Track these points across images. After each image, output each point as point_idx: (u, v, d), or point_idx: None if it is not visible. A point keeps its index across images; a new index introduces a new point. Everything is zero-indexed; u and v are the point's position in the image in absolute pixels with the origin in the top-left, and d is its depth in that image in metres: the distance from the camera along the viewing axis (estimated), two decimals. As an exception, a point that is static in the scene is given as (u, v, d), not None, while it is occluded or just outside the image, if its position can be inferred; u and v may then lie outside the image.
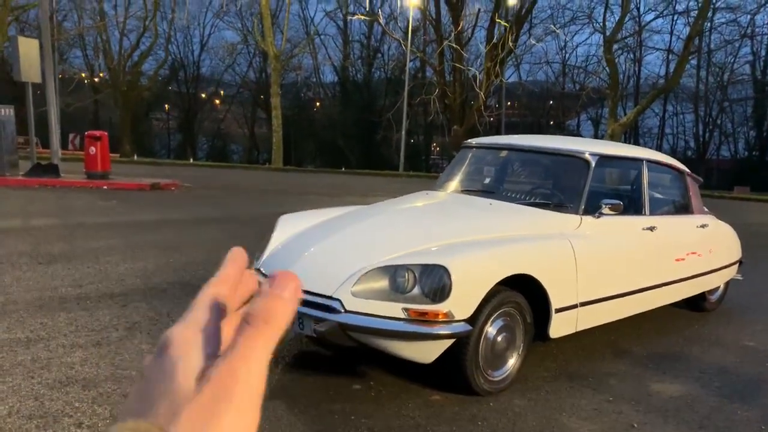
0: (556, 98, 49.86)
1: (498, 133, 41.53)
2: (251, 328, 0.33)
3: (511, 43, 21.12)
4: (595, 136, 48.25)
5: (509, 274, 3.13)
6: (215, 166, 25.69)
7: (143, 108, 45.06)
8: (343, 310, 2.96)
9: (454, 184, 4.37)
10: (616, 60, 28.15)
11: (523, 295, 3.33)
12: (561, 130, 52.21)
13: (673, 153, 56.20)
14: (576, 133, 54.98)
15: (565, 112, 52.30)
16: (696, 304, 5.03)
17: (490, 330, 3.20)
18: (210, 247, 6.63)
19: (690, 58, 33.03)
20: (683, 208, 4.77)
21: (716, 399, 3.38)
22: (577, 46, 61.14)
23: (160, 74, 43.16)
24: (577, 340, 4.14)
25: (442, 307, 2.92)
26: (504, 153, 4.38)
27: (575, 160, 4.00)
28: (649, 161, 4.37)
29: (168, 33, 38.17)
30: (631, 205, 4.24)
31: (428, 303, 2.93)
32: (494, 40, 21.22)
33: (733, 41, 47.96)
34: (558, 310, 3.43)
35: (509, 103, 55.95)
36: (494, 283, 3.08)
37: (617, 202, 3.79)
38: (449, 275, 2.92)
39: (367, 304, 2.97)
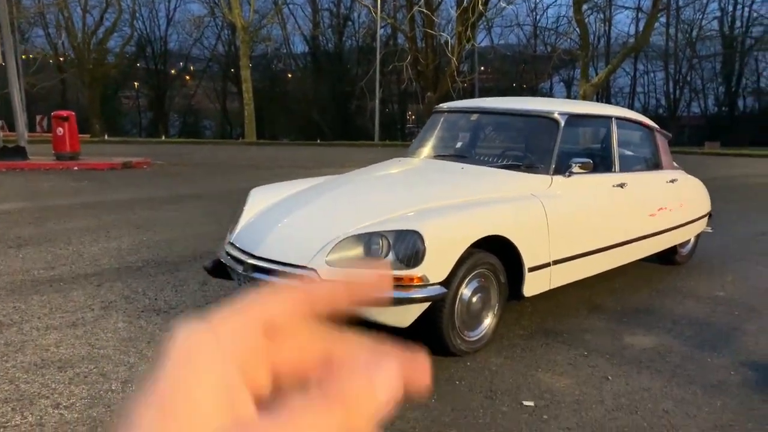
0: (528, 61, 49.82)
1: (472, 98, 41.44)
2: (319, 402, 0.23)
3: (481, 6, 20.95)
4: (568, 97, 48.37)
5: (481, 236, 3.15)
6: (187, 143, 25.36)
7: (112, 86, 44.14)
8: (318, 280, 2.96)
9: (427, 149, 4.36)
10: (586, 20, 28.13)
11: (497, 256, 3.36)
12: (534, 92, 52.28)
13: (644, 111, 56.57)
14: (549, 95, 55.11)
15: (537, 75, 52.32)
16: (668, 257, 5.13)
17: (465, 291, 3.23)
18: (184, 223, 6.58)
19: (659, 15, 33.10)
20: (653, 163, 4.82)
21: (688, 348, 3.46)
22: (547, 8, 61.04)
23: (126, 51, 42.23)
24: (552, 297, 4.20)
25: (416, 272, 2.94)
26: (474, 116, 4.37)
27: (545, 120, 4.01)
28: (618, 119, 4.40)
29: (132, 8, 37.20)
30: (601, 162, 4.28)
31: (403, 268, 2.95)
32: (464, 4, 21.03)
33: (701, -2, 47.99)
34: (531, 269, 3.47)
35: (483, 68, 55.77)
36: (467, 246, 3.10)
37: (587, 160, 3.81)
38: (422, 240, 2.93)
39: (342, 273, 2.97)
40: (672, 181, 4.79)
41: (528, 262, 3.44)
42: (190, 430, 0.22)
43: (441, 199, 3.37)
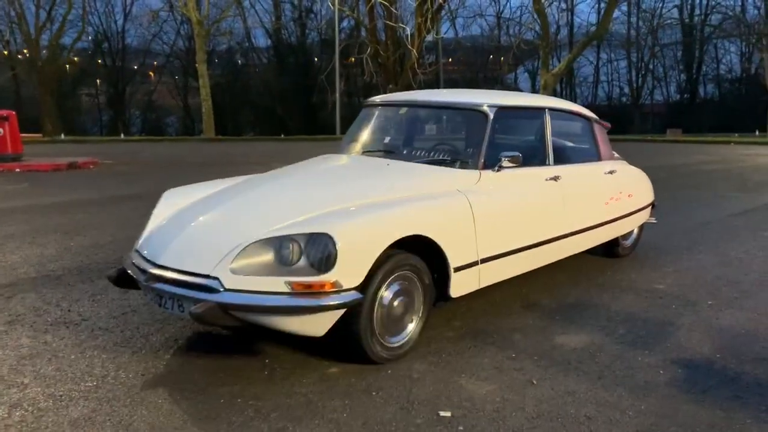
0: (492, 52, 49.90)
1: (437, 89, 41.33)
2: None
3: (440, -3, 20.80)
4: (533, 88, 48.70)
5: (400, 236, 2.99)
6: (145, 141, 24.80)
7: (69, 83, 43.02)
8: (222, 289, 2.77)
9: (356, 145, 4.18)
10: (547, 9, 28.21)
11: (421, 257, 3.21)
12: (499, 84, 52.48)
13: (608, 100, 57.41)
14: (514, 86, 55.42)
15: (502, 66, 52.43)
16: (610, 250, 5.05)
17: (386, 295, 3.06)
18: (118, 226, 6.30)
19: (619, 4, 33.39)
20: (590, 155, 4.72)
21: (619, 347, 3.36)
22: (510, -2, 61.16)
23: (82, 47, 41.17)
24: (487, 295, 4.07)
25: (328, 277, 2.76)
26: (403, 110, 4.21)
27: (473, 113, 3.87)
28: (551, 110, 4.27)
29: (84, 2, 36.12)
30: (534, 155, 4.15)
31: (315, 274, 2.77)
32: (423, -5, 20.89)
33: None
34: (457, 269, 3.33)
35: (450, 59, 55.78)
36: (385, 247, 2.93)
37: (516, 154, 3.67)
38: (334, 243, 2.75)
39: (248, 281, 2.78)
40: (610, 172, 4.69)
41: (453, 261, 3.30)
42: None
43: (360, 198, 3.20)
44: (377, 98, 4.37)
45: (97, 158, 12.97)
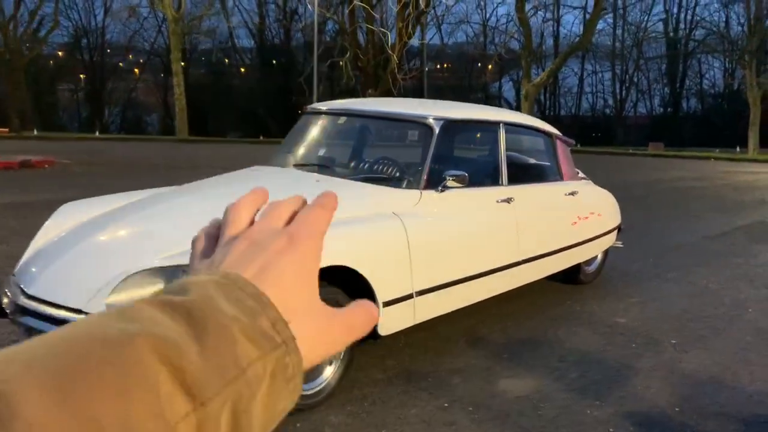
0: (478, 60, 49.81)
1: (420, 96, 41.14)
2: (316, 206, 0.39)
3: (422, 3, 20.47)
4: (517, 98, 48.58)
5: (314, 268, 2.57)
6: (116, 139, 24.19)
7: (47, 79, 42.19)
8: (95, 327, 2.33)
9: (288, 157, 3.76)
10: (531, 19, 28.00)
11: (344, 288, 2.80)
12: (484, 92, 52.43)
13: (592, 111, 57.63)
14: (498, 95, 55.39)
15: (487, 74, 52.41)
16: (572, 277, 4.67)
17: (298, 335, 2.64)
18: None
19: (604, 15, 33.34)
20: (551, 174, 4.34)
21: (568, 395, 2.97)
22: (497, 6, 61.21)
23: (62, 42, 40.37)
24: (431, 328, 3.67)
25: (220, 317, 2.34)
26: (342, 119, 3.80)
27: (417, 125, 3.47)
28: (507, 124, 3.88)
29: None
30: (485, 174, 3.77)
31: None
32: (404, 0, 20.53)
33: (646, -1, 48.88)
34: (387, 303, 2.92)
35: (438, 65, 55.58)
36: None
37: (461, 173, 3.28)
38: (229, 276, 2.33)
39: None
40: (572, 193, 4.31)
41: (382, 295, 2.89)
42: (301, 293, 0.35)
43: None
44: (319, 105, 3.95)
45: (55, 157, 12.41)
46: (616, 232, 4.95)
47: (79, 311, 2.38)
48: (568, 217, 4.22)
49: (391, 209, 3.10)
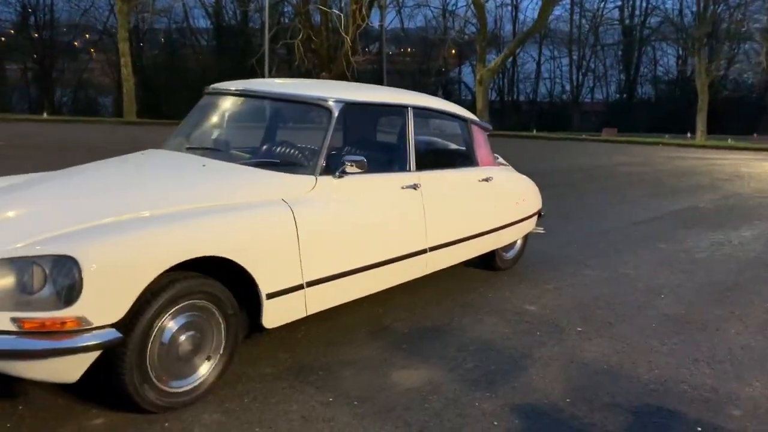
0: (438, 45, 49.61)
1: (379, 81, 40.84)
2: None
3: (375, -15, 20.18)
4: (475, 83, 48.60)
5: (183, 259, 2.43)
6: (64, 121, 23.36)
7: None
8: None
9: (181, 139, 3.58)
10: (487, 3, 27.96)
11: (226, 281, 2.67)
12: (443, 76, 52.38)
13: (549, 96, 58.17)
14: (458, 79, 55.39)
15: (445, 59, 52.31)
16: (489, 263, 4.61)
17: (168, 330, 2.51)
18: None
19: (560, 1, 33.50)
20: (465, 160, 4.25)
21: (459, 386, 2.89)
22: (457, -10, 61.11)
23: (9, 19, 38.80)
24: (335, 317, 3.58)
25: (70, 313, 2.18)
26: (242, 101, 3.63)
27: (315, 108, 3.33)
28: (416, 108, 3.76)
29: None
30: (391, 160, 3.66)
31: (58, 308, 2.19)
32: (358, -20, 20.21)
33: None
34: (272, 295, 2.80)
35: (401, 49, 55.22)
36: (159, 273, 2.36)
37: (360, 158, 3.15)
38: (79, 268, 2.17)
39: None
40: (486, 179, 4.24)
41: (267, 286, 2.76)
42: None
43: (146, 208, 2.61)
44: (220, 85, 3.77)
45: (-12, 139, 11.89)
46: (535, 218, 4.91)
47: None
48: (480, 203, 4.15)
49: (280, 196, 2.96)
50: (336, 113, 3.24)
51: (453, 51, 49.64)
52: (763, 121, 47.15)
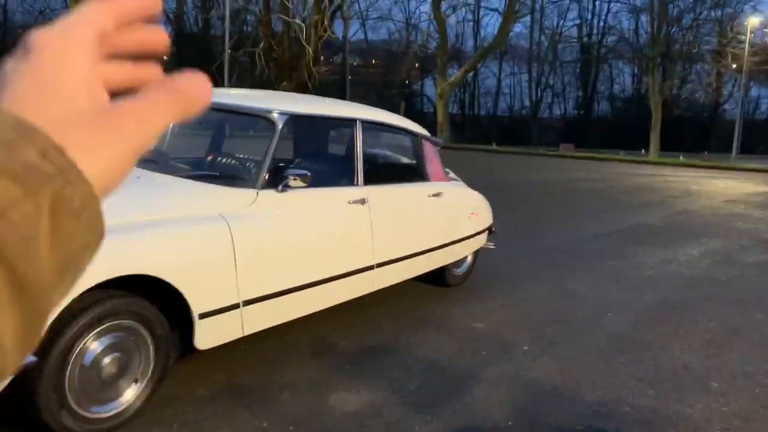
0: (400, 57, 49.96)
1: (343, 92, 40.84)
2: (166, 92, 0.32)
3: (338, -5, 20.17)
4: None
5: (105, 278, 2.29)
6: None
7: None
8: None
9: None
10: (449, 18, 28.23)
11: (155, 300, 2.53)
12: (406, 89, 52.70)
13: (510, 111, 59.10)
14: (421, 92, 55.85)
15: (411, 72, 52.72)
16: (439, 279, 4.56)
17: (93, 350, 2.36)
18: None
19: (519, 17, 34.05)
20: (415, 174, 4.20)
21: (401, 409, 2.81)
22: (420, 4, 61.67)
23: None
24: (278, 337, 3.45)
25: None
26: (183, 111, 3.50)
27: (258, 120, 3.23)
28: (365, 122, 3.69)
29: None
30: (338, 174, 3.57)
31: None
32: (320, -9, 20.16)
33: (560, 1, 50.44)
34: (205, 315, 2.67)
35: (366, 61, 55.38)
36: (80, 292, 2.22)
37: (304, 172, 3.06)
38: (-10, 288, 2.01)
39: None
40: (436, 194, 4.19)
41: (199, 306, 2.64)
42: (59, 101, 0.28)
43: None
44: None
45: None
46: (486, 233, 4.88)
47: None
48: (430, 219, 4.10)
49: (218, 210, 2.84)
50: (280, 125, 3.14)
51: (417, 64, 50.05)
52: (714, 139, 48.76)
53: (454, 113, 52.31)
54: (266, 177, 3.06)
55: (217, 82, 25.00)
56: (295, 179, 3.06)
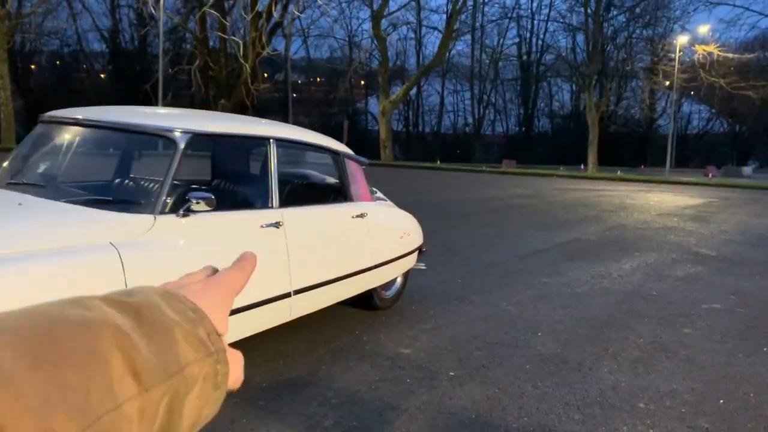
0: (343, 75, 50.11)
1: (285, 110, 40.49)
2: (234, 267, 0.45)
3: (275, 14, 19.97)
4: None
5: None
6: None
7: None
8: None
9: (4, 172, 3.14)
10: (388, 36, 28.39)
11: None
12: (350, 106, 52.79)
13: (453, 129, 59.94)
14: (365, 110, 56.02)
15: (355, 90, 52.87)
16: (367, 301, 4.38)
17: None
18: None
19: (458, 36, 34.63)
20: (337, 195, 4.03)
21: (312, 449, 2.61)
22: (362, 23, 62.13)
23: None
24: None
25: None
26: (78, 130, 3.24)
27: (157, 139, 3.00)
28: (280, 140, 3.50)
29: None
30: (251, 196, 3.37)
31: None
32: (258, 9, 19.90)
33: (499, 20, 51.64)
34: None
35: (310, 78, 55.15)
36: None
37: (208, 195, 2.85)
38: None
39: None
40: (360, 215, 4.02)
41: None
42: (222, 310, 0.41)
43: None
44: (55, 113, 3.36)
45: None
46: (416, 254, 4.75)
47: None
48: (354, 241, 3.93)
49: (108, 238, 2.60)
50: (182, 145, 2.93)
51: (362, 82, 50.19)
52: (650, 153, 50.56)
53: (399, 131, 52.67)
54: (166, 201, 2.84)
55: (152, 101, 24.37)
56: (198, 203, 2.85)
